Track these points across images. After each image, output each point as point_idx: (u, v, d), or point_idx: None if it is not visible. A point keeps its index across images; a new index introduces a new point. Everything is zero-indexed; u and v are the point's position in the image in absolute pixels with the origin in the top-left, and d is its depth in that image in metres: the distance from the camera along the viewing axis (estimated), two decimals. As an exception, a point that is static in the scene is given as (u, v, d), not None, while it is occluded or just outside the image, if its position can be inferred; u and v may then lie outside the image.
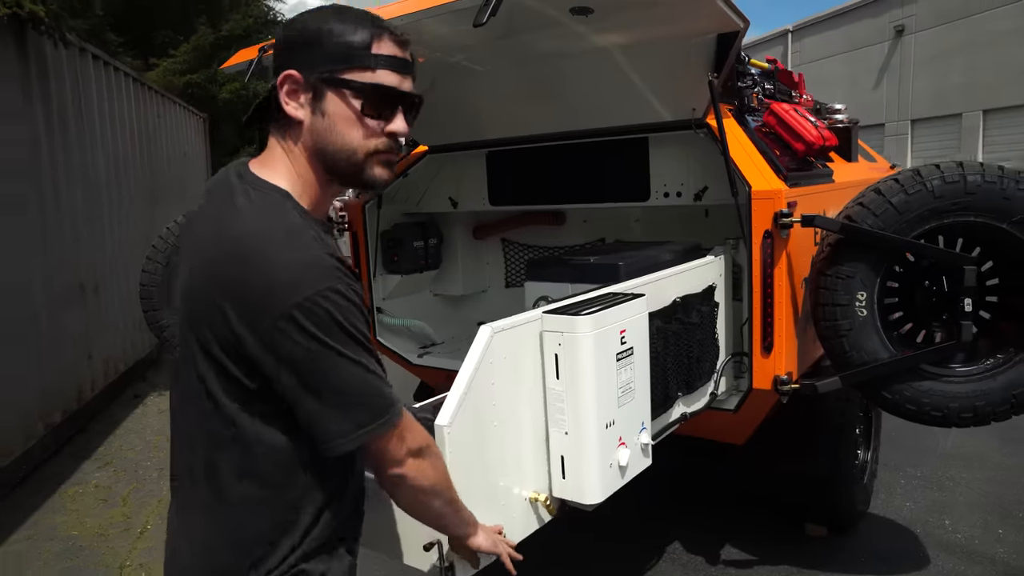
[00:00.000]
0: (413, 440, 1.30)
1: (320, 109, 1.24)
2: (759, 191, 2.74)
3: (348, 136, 1.25)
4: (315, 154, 1.27)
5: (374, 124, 1.26)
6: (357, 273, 1.28)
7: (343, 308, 1.16)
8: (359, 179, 1.29)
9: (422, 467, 1.32)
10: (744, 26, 2.66)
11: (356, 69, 1.23)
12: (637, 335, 2.01)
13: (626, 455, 1.95)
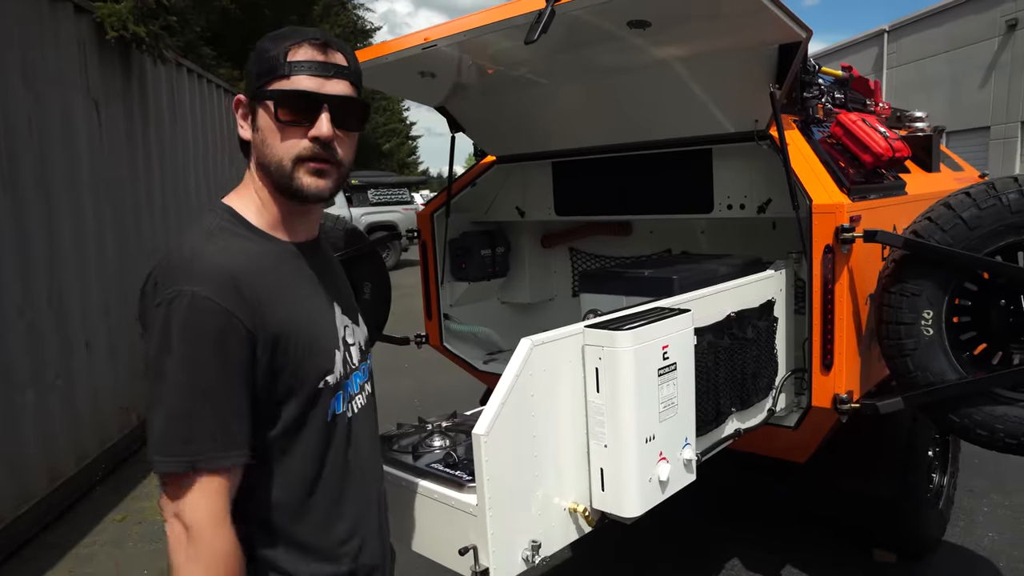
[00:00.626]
0: (179, 507, 1.14)
1: (256, 125, 1.27)
2: (820, 205, 2.68)
3: (274, 146, 1.25)
4: (260, 169, 1.29)
5: (296, 130, 1.24)
6: None
7: (185, 316, 1.12)
8: (290, 189, 1.26)
9: (177, 539, 1.14)
10: (806, 36, 2.62)
11: (275, 79, 1.23)
12: (681, 350, 2.02)
13: (667, 470, 1.96)
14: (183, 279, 1.15)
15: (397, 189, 16.07)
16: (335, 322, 1.36)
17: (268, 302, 1.20)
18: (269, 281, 1.23)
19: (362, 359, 1.46)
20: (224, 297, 1.14)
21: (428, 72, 3.20)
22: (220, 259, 1.18)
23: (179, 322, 1.12)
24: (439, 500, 1.83)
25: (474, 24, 2.50)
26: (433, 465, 1.92)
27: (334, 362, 1.31)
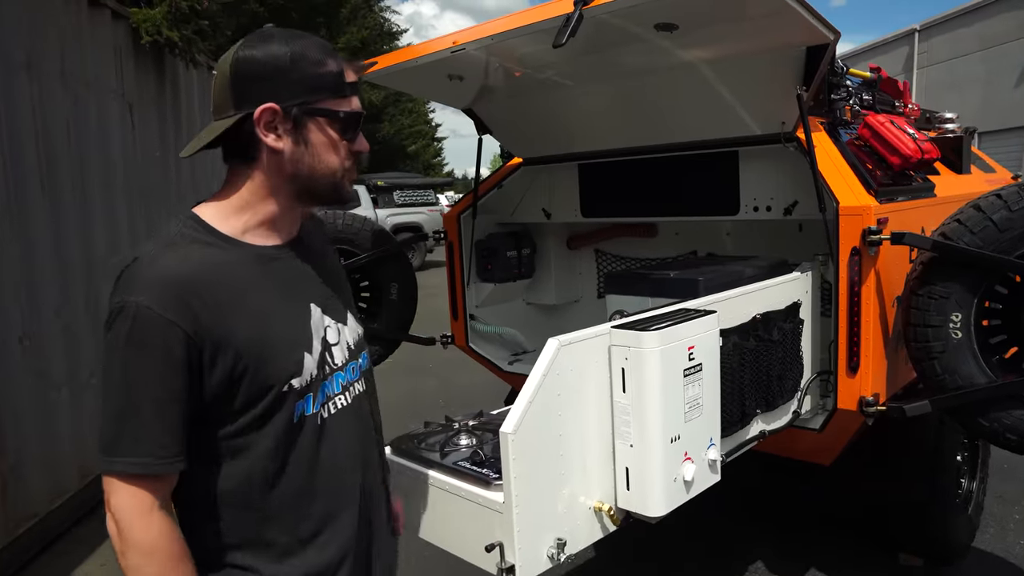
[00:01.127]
0: (110, 503, 1.20)
1: (302, 138, 1.28)
2: (847, 207, 2.68)
3: (329, 160, 1.31)
4: (291, 179, 1.31)
5: (345, 146, 1.32)
6: None
7: (127, 326, 1.16)
8: (338, 196, 1.35)
9: (112, 534, 1.21)
10: (834, 38, 2.62)
11: (336, 98, 1.29)
12: (706, 351, 2.04)
13: (691, 470, 1.98)
14: (129, 290, 1.19)
15: (423, 191, 16.16)
16: (309, 324, 1.36)
17: (224, 309, 1.22)
18: (227, 288, 1.24)
19: (350, 359, 1.45)
20: (166, 307, 1.16)
21: (456, 75, 3.24)
22: (172, 268, 1.20)
23: (122, 332, 1.17)
24: (466, 497, 1.86)
25: (502, 28, 2.53)
26: (460, 463, 1.96)
27: (302, 366, 1.31)
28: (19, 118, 3.84)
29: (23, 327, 3.86)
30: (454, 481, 1.91)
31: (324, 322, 1.39)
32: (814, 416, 2.95)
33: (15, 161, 3.80)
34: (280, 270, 1.34)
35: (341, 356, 1.42)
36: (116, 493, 1.19)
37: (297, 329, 1.33)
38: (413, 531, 2.12)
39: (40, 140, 4.01)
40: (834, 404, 2.80)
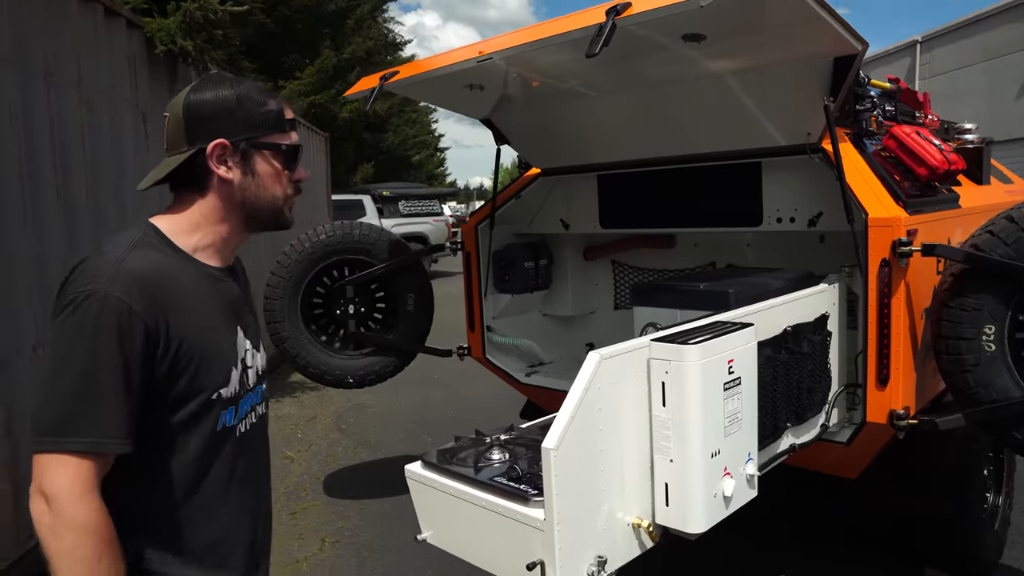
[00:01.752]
0: (44, 481, 1.20)
1: (250, 169, 1.44)
2: (876, 218, 2.66)
3: (273, 188, 1.48)
4: (239, 206, 1.46)
5: (287, 175, 1.50)
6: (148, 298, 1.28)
7: (94, 311, 1.23)
8: (278, 222, 1.53)
9: (41, 513, 1.20)
10: (862, 49, 2.61)
11: (278, 134, 1.46)
12: (745, 365, 2.01)
13: (731, 485, 1.95)
14: (97, 279, 1.26)
15: (428, 201, 16.16)
16: (236, 343, 1.48)
17: (178, 311, 1.32)
18: (182, 294, 1.35)
19: (258, 383, 1.57)
20: (133, 298, 1.26)
21: (476, 85, 3.23)
22: (139, 266, 1.30)
23: (90, 316, 1.24)
24: (504, 514, 1.83)
25: (531, 38, 2.51)
26: (496, 479, 1.92)
27: (230, 378, 1.43)
28: (37, 125, 3.83)
29: (36, 335, 3.83)
30: (490, 497, 1.88)
31: (245, 345, 1.52)
32: (841, 429, 2.92)
33: (32, 169, 3.78)
34: (222, 291, 1.48)
35: (253, 378, 1.55)
36: (57, 472, 1.20)
37: (229, 344, 1.46)
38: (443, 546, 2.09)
39: (56, 148, 3.99)
40: (863, 417, 2.77)
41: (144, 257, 1.33)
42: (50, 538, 1.20)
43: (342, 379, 4.01)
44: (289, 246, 4.00)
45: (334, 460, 5.39)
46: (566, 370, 4.16)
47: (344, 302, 4.00)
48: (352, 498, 4.66)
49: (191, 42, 5.24)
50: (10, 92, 3.65)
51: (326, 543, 4.08)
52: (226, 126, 1.41)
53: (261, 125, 1.44)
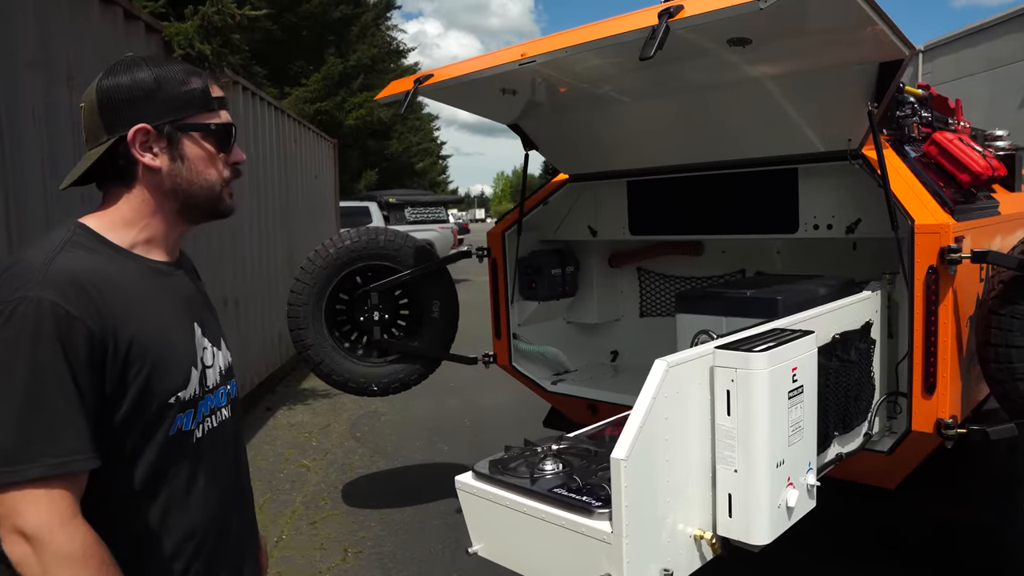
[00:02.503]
0: (21, 520, 1.09)
1: (178, 154, 1.33)
2: (923, 225, 2.63)
3: (207, 173, 1.36)
4: (171, 195, 1.34)
5: (221, 157, 1.38)
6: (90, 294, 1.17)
7: (30, 320, 1.12)
8: (217, 210, 1.40)
9: (23, 555, 1.09)
10: (910, 54, 2.58)
11: (204, 113, 1.34)
12: (807, 373, 1.97)
13: (795, 496, 1.91)
14: (26, 287, 1.14)
15: (434, 208, 16.14)
16: (193, 342, 1.36)
17: (121, 312, 1.21)
18: (123, 293, 1.23)
19: (220, 383, 1.44)
20: (71, 302, 1.14)
21: (510, 89, 3.19)
22: (71, 266, 1.18)
23: (25, 328, 1.11)
24: (566, 527, 1.78)
25: (577, 40, 2.47)
26: (555, 490, 1.88)
27: (189, 380, 1.31)
28: (60, 131, 3.79)
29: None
30: (550, 509, 1.83)
31: (203, 343, 1.40)
32: (881, 438, 2.88)
33: (55, 174, 3.74)
34: (171, 285, 1.37)
35: (213, 379, 1.42)
36: (28, 506, 1.09)
37: (185, 343, 1.34)
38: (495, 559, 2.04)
39: (79, 153, 3.94)
40: (907, 426, 2.73)
41: (75, 258, 1.21)
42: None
43: (366, 387, 3.97)
44: (314, 252, 3.96)
45: (351, 469, 5.33)
46: (591, 378, 4.12)
47: (368, 308, 3.96)
48: (372, 507, 4.60)
49: (209, 46, 5.21)
50: (34, 95, 3.61)
51: (349, 553, 4.03)
52: (146, 109, 1.29)
53: (186, 105, 1.32)
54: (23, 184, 3.50)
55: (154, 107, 1.30)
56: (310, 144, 9.89)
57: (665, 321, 4.30)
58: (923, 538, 3.45)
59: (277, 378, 7.82)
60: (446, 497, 4.67)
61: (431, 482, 4.96)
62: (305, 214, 9.32)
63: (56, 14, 3.79)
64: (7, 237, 3.37)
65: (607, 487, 1.82)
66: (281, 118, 8.24)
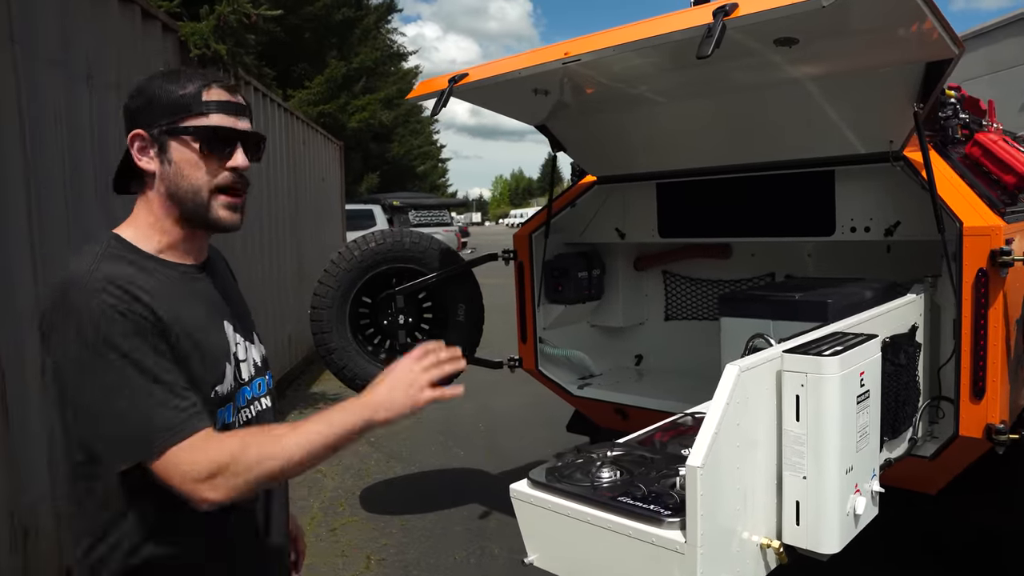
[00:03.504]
0: (183, 473, 1.22)
1: (167, 158, 1.36)
2: (972, 227, 2.59)
3: (192, 177, 1.37)
4: (169, 199, 1.38)
5: (215, 162, 1.38)
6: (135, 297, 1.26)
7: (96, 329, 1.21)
8: (206, 219, 1.40)
9: (223, 485, 1.23)
10: (959, 53, 2.54)
11: (192, 116, 1.35)
12: (873, 377, 1.93)
13: (862, 503, 1.87)
14: (76, 296, 1.23)
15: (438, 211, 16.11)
16: (226, 339, 1.44)
17: (164, 312, 1.29)
18: (163, 299, 1.30)
19: (256, 375, 1.54)
20: (128, 303, 1.24)
21: (542, 90, 3.15)
22: (112, 273, 1.27)
23: (95, 334, 1.21)
24: (634, 536, 1.73)
25: (624, 39, 2.43)
26: (620, 498, 1.82)
27: (224, 375, 1.40)
28: (80, 131, 3.73)
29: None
30: (617, 518, 1.77)
31: (236, 339, 1.48)
32: (924, 443, 2.84)
33: (75, 177, 3.68)
34: (199, 288, 1.44)
35: (248, 372, 1.51)
36: (176, 460, 1.21)
37: (219, 339, 1.42)
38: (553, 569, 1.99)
39: (97, 153, 3.89)
40: (955, 431, 2.69)
41: (117, 266, 1.30)
42: (248, 477, 1.23)
43: (389, 392, 3.90)
44: (337, 254, 3.90)
45: (367, 474, 5.27)
46: (617, 382, 4.07)
47: (393, 312, 3.90)
48: (392, 514, 4.54)
49: (224, 46, 5.16)
50: (56, 95, 3.55)
51: (372, 561, 3.97)
52: (144, 117, 1.36)
53: (177, 110, 1.35)
54: (46, 184, 3.44)
55: (151, 113, 1.36)
56: (317, 146, 9.84)
57: (691, 325, 4.26)
58: (966, 544, 3.39)
59: (287, 381, 7.75)
60: (466, 503, 4.62)
61: (449, 488, 4.91)
62: (313, 217, 9.27)
63: (78, 12, 3.73)
64: (29, 238, 3.31)
65: (673, 495, 1.77)
66: (291, 120, 8.19)
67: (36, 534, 3.31)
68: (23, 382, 3.26)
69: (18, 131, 3.26)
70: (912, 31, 2.40)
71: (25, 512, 3.24)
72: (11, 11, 3.22)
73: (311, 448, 1.27)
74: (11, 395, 3.18)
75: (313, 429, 1.29)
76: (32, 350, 3.36)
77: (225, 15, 5.11)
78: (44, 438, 3.41)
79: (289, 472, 1.28)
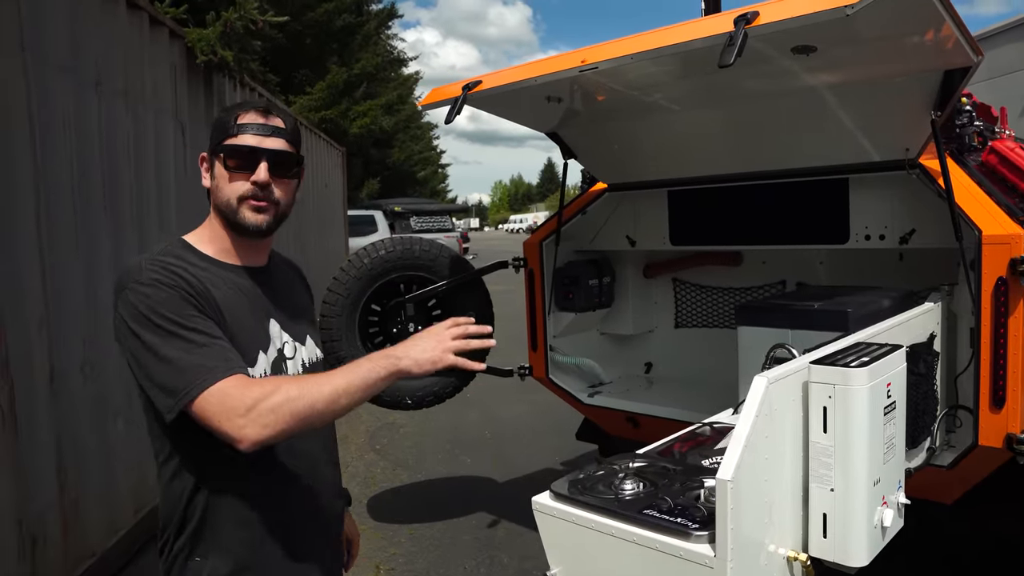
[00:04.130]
0: (233, 403, 1.35)
1: (213, 174, 1.60)
2: (991, 235, 2.58)
3: (225, 189, 1.57)
4: (215, 209, 1.61)
5: (240, 176, 1.56)
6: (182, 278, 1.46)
7: (145, 297, 1.41)
8: (236, 222, 1.58)
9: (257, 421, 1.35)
10: (978, 60, 2.53)
11: (227, 138, 1.56)
12: (899, 388, 1.91)
13: (890, 515, 1.85)
14: (135, 277, 1.44)
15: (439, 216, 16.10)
16: (269, 333, 1.61)
17: (205, 296, 1.47)
18: (206, 285, 1.50)
19: (303, 374, 1.66)
20: (169, 278, 1.44)
21: (555, 97, 3.14)
22: (166, 261, 1.48)
23: (140, 301, 1.41)
24: (661, 550, 1.71)
25: (642, 47, 2.41)
26: (646, 511, 1.80)
27: (256, 360, 1.55)
28: (89, 136, 3.72)
29: (85, 354, 3.70)
30: (644, 532, 1.75)
31: (283, 337, 1.65)
32: (941, 453, 2.82)
33: (83, 183, 3.67)
34: (246, 287, 1.61)
35: (295, 369, 1.66)
36: (214, 398, 1.34)
37: (256, 332, 1.58)
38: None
39: (104, 159, 3.88)
40: (974, 440, 2.67)
41: (167, 257, 1.50)
42: (279, 414, 1.34)
43: (400, 400, 3.89)
44: (347, 262, 3.88)
45: (373, 482, 5.24)
46: (627, 390, 4.05)
47: (403, 320, 3.88)
48: (399, 522, 4.51)
49: (230, 52, 5.15)
50: (65, 101, 3.54)
51: (381, 570, 3.94)
52: (210, 141, 1.60)
53: (222, 133, 1.57)
54: (55, 190, 3.43)
55: (212, 137, 1.60)
56: (321, 152, 9.84)
57: (701, 332, 4.24)
58: (983, 553, 3.37)
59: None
60: (475, 512, 4.59)
61: (457, 496, 4.88)
62: (316, 224, 9.25)
63: (87, 18, 3.72)
64: (38, 244, 3.29)
65: (700, 507, 1.75)
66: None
67: (44, 542, 3.29)
68: (31, 391, 3.24)
69: (28, 137, 3.25)
70: (931, 38, 2.39)
71: (33, 520, 3.21)
72: (21, 17, 3.21)
73: (339, 388, 1.40)
74: (20, 404, 3.16)
75: (340, 374, 1.43)
76: (40, 357, 3.35)
77: (232, 21, 5.10)
78: (52, 446, 3.40)
79: (320, 411, 1.39)
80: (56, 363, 3.43)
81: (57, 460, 3.42)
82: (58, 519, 3.41)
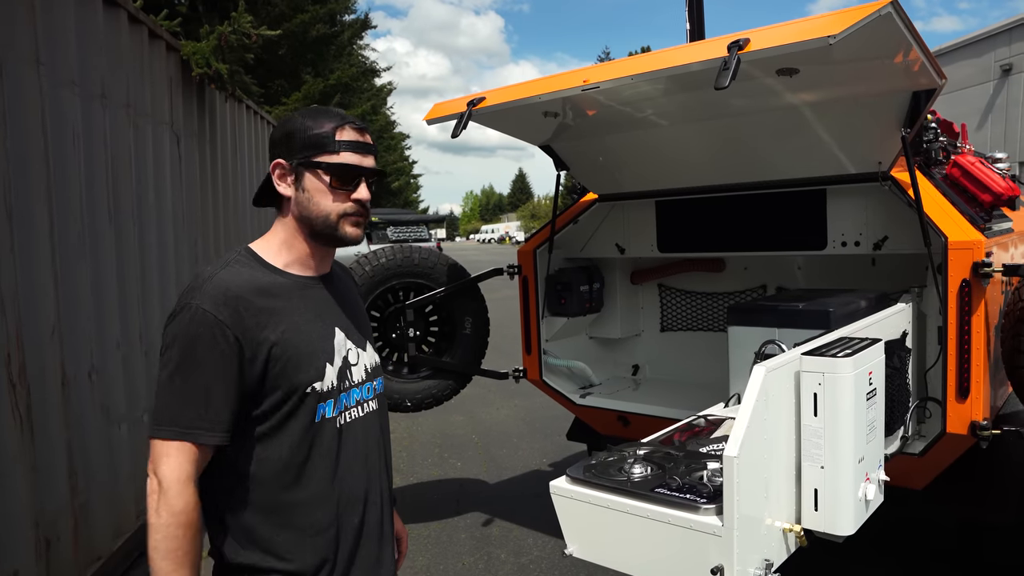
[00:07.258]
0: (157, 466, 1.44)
1: (302, 186, 1.60)
2: (957, 241, 2.82)
3: (323, 204, 1.60)
4: (300, 220, 1.62)
5: (343, 193, 1.60)
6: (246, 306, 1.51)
7: (187, 322, 1.46)
8: (335, 236, 1.63)
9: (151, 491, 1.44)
10: (942, 83, 2.78)
11: (326, 153, 1.58)
12: (879, 377, 2.13)
13: (872, 490, 2.05)
14: (192, 296, 1.49)
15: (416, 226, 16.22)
16: (333, 342, 1.64)
17: (265, 319, 1.51)
18: (270, 304, 1.54)
19: (367, 379, 1.74)
20: (219, 311, 1.46)
21: (552, 112, 3.33)
22: (227, 281, 1.51)
23: (181, 327, 1.47)
24: (673, 523, 1.89)
25: (641, 69, 2.62)
26: (658, 490, 1.99)
27: (323, 373, 1.59)
28: (95, 149, 3.82)
29: (92, 361, 3.79)
30: (656, 508, 1.93)
31: (346, 345, 1.68)
32: (912, 441, 3.05)
33: (90, 192, 3.76)
34: (314, 296, 1.65)
35: (359, 375, 1.71)
36: (165, 458, 1.43)
37: (323, 344, 1.62)
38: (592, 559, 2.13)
39: (109, 170, 3.98)
40: (942, 429, 2.90)
41: (234, 273, 1.54)
42: (153, 512, 1.43)
43: (400, 403, 4.03)
44: (349, 269, 4.02)
45: (366, 485, 5.35)
46: (616, 391, 4.25)
47: (403, 325, 4.04)
48: (396, 522, 4.64)
49: (225, 66, 5.27)
50: (74, 115, 3.64)
51: (382, 567, 4.06)
52: (284, 149, 1.60)
53: (312, 147, 1.58)
54: (65, 203, 3.53)
55: (291, 147, 1.60)
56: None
57: (686, 335, 4.46)
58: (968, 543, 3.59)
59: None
60: (468, 512, 4.74)
61: (451, 498, 5.03)
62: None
63: (93, 33, 3.83)
64: (51, 254, 3.39)
65: (708, 485, 1.95)
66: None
67: (58, 541, 3.37)
68: (46, 394, 3.33)
69: (43, 150, 3.35)
70: (900, 62, 2.63)
71: (48, 522, 3.30)
72: (37, 32, 3.32)
73: None
74: (36, 406, 3.25)
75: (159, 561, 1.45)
76: (53, 360, 3.44)
77: (226, 34, 5.22)
78: (64, 451, 3.48)
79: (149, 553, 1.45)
80: (67, 370, 3.52)
81: (68, 464, 3.50)
82: (69, 522, 3.50)
